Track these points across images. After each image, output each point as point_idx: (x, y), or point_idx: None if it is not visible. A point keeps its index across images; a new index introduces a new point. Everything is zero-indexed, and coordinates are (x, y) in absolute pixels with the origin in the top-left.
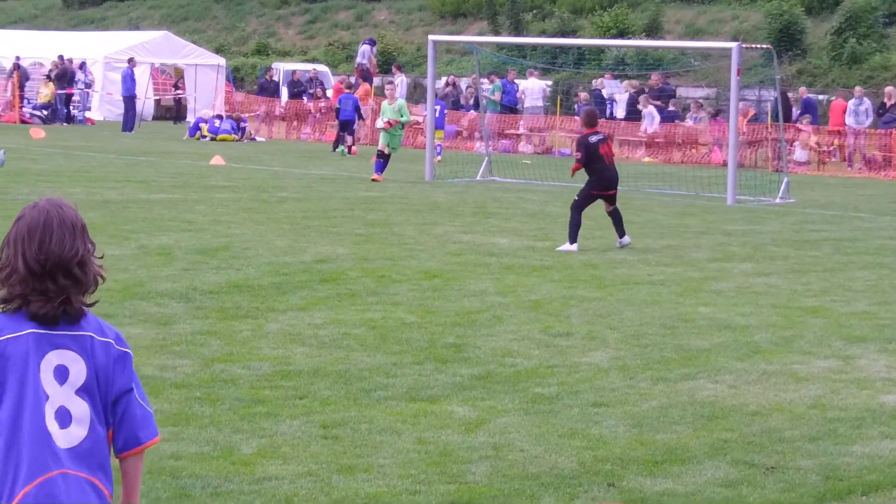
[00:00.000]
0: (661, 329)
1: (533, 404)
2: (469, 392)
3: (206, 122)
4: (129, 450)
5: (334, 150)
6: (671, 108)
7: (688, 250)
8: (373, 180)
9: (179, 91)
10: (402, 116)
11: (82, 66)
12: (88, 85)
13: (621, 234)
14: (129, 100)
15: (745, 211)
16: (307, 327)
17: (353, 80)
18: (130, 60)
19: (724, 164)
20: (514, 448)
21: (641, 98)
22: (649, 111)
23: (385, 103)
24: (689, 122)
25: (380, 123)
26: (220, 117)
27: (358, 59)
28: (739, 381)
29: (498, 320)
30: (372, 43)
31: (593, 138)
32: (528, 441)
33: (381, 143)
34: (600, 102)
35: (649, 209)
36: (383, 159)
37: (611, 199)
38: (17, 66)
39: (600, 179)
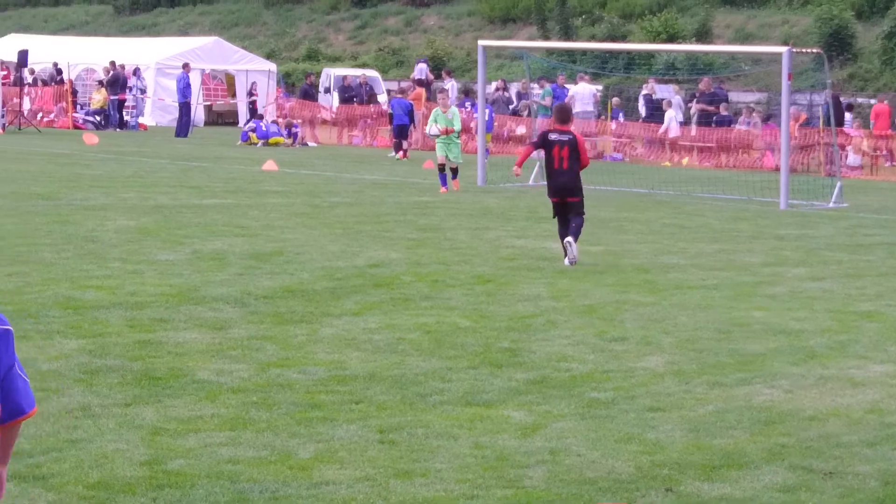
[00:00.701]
0: (715, 334)
1: (589, 409)
2: (525, 397)
3: (255, 128)
4: (14, 419)
5: (395, 154)
6: (724, 112)
7: (740, 255)
8: (442, 193)
9: (254, 96)
10: (454, 120)
11: (136, 71)
12: (143, 90)
13: (573, 235)
14: (184, 105)
15: (798, 215)
16: (362, 332)
17: (404, 84)
18: (185, 66)
19: (777, 169)
20: (570, 453)
21: (693, 105)
22: (670, 115)
23: (437, 110)
24: (741, 127)
25: (434, 130)
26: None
27: (415, 76)
28: (795, 385)
29: (552, 325)
30: (425, 61)
31: (553, 136)
32: (585, 446)
33: (439, 154)
34: (653, 107)
35: (701, 213)
36: (444, 171)
37: (571, 207)
38: (58, 72)
39: (550, 185)
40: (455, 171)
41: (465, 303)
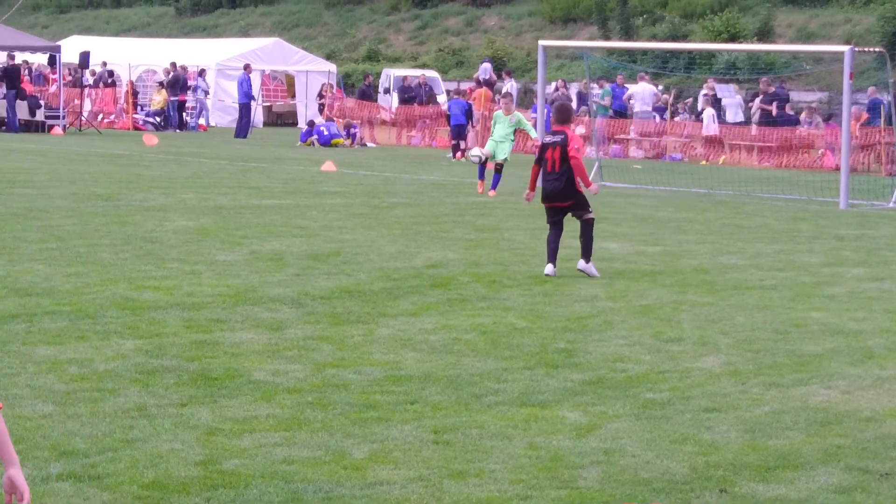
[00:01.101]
0: (772, 334)
1: (644, 409)
2: (580, 397)
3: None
4: None
5: (453, 156)
6: (788, 111)
7: (800, 255)
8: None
9: (323, 99)
10: (522, 127)
11: (201, 73)
12: (206, 92)
13: (586, 256)
14: (245, 106)
15: (858, 215)
16: (418, 332)
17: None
18: (247, 67)
19: (837, 169)
20: (625, 453)
21: (754, 104)
22: (708, 113)
23: (499, 113)
24: (802, 127)
25: (475, 155)
26: (328, 121)
27: (480, 75)
28: (853, 386)
29: (609, 325)
30: (490, 61)
31: (547, 139)
32: (640, 446)
33: (485, 150)
34: (714, 105)
35: (761, 213)
36: (485, 166)
37: (572, 211)
38: (110, 73)
39: (543, 190)
40: (499, 172)
41: (521, 303)
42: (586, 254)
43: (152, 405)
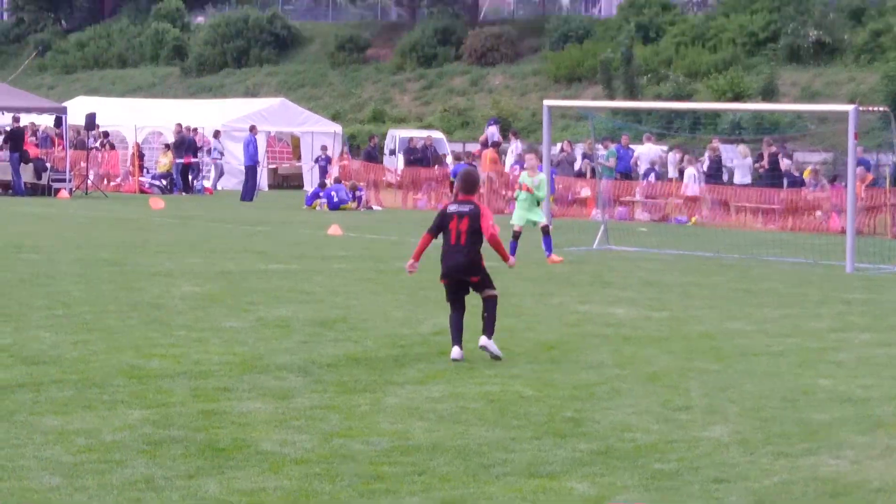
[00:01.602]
0: (781, 402)
1: (653, 480)
2: (588, 468)
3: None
4: None
5: None
6: (794, 172)
7: (807, 320)
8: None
9: (344, 161)
10: (539, 192)
11: (216, 134)
12: (221, 153)
13: (488, 332)
14: (251, 169)
15: (865, 279)
16: (425, 401)
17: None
18: (252, 128)
19: (843, 231)
20: None
21: (759, 164)
22: (690, 172)
23: (525, 174)
24: (807, 188)
25: (524, 204)
26: (337, 183)
27: (488, 137)
28: (862, 456)
29: (616, 393)
30: (496, 122)
31: (452, 207)
32: None
33: (516, 223)
34: (717, 167)
35: (768, 278)
36: (517, 240)
37: (475, 287)
38: (105, 134)
39: (443, 265)
40: (547, 234)
41: (529, 370)
42: (489, 330)
43: (160, 477)
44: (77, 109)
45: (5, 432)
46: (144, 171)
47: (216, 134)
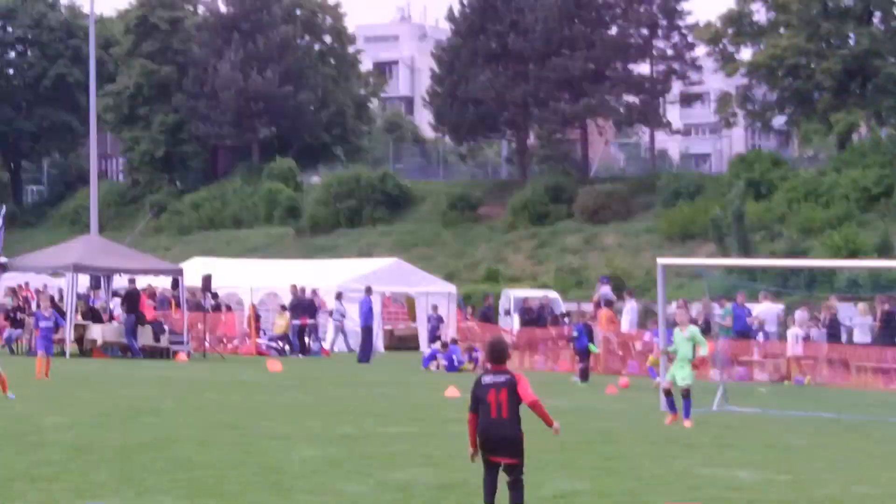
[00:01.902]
0: None
1: None
2: None
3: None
4: None
5: (582, 381)
6: None
7: None
8: (669, 422)
9: (470, 322)
10: (696, 342)
11: (339, 296)
12: (343, 315)
13: None
14: (367, 330)
15: None
16: None
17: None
18: (368, 289)
19: None
20: None
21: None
22: (793, 332)
23: (676, 331)
24: None
25: (678, 361)
26: (453, 345)
27: (599, 298)
28: None
29: None
30: (607, 281)
31: (487, 379)
32: None
33: (666, 379)
34: (835, 326)
35: (892, 440)
36: (670, 396)
37: (508, 470)
38: (214, 295)
39: (483, 438)
40: (687, 397)
41: None
42: None
43: None
44: (193, 270)
45: None
46: (261, 332)
47: (338, 296)
